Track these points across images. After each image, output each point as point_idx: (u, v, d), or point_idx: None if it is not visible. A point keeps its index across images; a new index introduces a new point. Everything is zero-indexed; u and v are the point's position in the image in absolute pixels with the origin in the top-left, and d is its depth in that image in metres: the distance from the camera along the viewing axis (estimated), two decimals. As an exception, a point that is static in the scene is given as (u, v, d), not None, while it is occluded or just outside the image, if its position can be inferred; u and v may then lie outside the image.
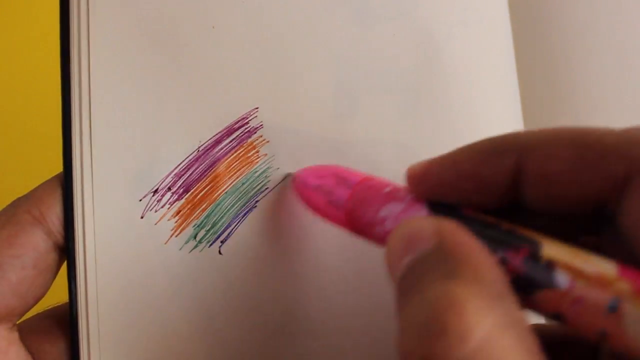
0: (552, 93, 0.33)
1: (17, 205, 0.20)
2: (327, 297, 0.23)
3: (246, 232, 0.22)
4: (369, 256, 0.23)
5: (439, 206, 0.17)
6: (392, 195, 0.18)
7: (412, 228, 0.15)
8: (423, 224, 0.15)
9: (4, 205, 0.20)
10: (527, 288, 0.14)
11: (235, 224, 0.22)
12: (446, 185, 0.17)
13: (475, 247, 0.14)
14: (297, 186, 0.21)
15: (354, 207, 0.18)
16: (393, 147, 0.25)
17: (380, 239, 0.17)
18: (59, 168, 0.20)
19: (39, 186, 0.20)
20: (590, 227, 0.17)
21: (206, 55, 0.22)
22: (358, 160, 0.24)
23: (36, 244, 0.19)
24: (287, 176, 0.22)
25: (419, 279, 0.14)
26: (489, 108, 0.27)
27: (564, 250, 0.14)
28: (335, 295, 0.23)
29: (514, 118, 0.29)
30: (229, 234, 0.22)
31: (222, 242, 0.21)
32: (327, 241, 0.23)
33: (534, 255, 0.14)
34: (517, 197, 0.16)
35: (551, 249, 0.14)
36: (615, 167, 0.15)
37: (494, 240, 0.15)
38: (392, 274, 0.15)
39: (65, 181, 0.20)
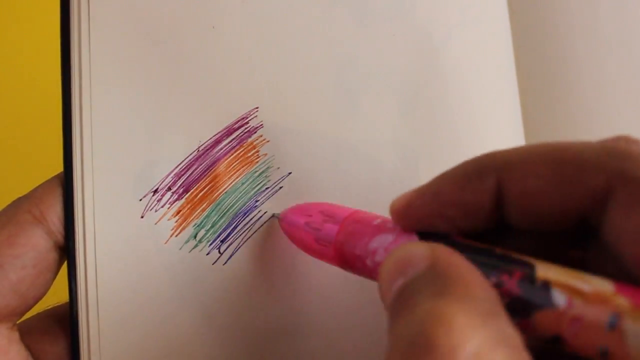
0: (551, 92, 0.33)
1: (18, 205, 0.20)
2: (328, 297, 0.23)
3: (246, 231, 0.22)
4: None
5: (429, 235, 0.17)
6: (381, 227, 0.17)
7: (406, 252, 0.15)
8: (416, 247, 0.15)
9: (4, 205, 0.20)
10: (524, 310, 0.14)
11: (235, 223, 0.22)
12: (431, 216, 0.17)
13: (468, 267, 0.14)
14: (284, 226, 0.21)
15: (343, 241, 0.18)
16: (393, 146, 0.25)
17: (372, 272, 0.17)
18: (59, 168, 0.20)
19: (39, 186, 0.20)
20: (576, 241, 0.16)
21: (206, 55, 0.22)
22: (358, 160, 0.24)
23: (36, 243, 0.19)
24: (272, 217, 0.22)
25: (409, 299, 0.14)
26: (488, 108, 0.28)
27: (558, 270, 0.14)
28: (337, 295, 0.23)
29: (513, 118, 0.29)
30: (229, 234, 0.22)
31: (222, 241, 0.21)
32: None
33: (529, 277, 0.14)
34: (502, 217, 0.16)
35: (546, 270, 0.14)
36: (594, 181, 0.15)
37: (487, 265, 0.15)
38: (384, 300, 0.15)
39: (66, 181, 0.20)
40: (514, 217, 0.16)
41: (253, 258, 0.22)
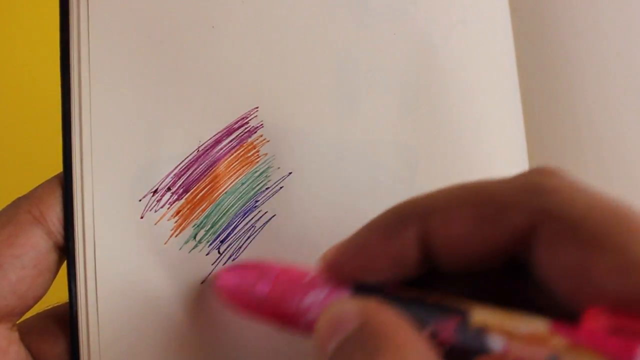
0: (553, 92, 0.33)
1: (17, 205, 0.20)
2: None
3: (246, 231, 0.22)
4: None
5: (363, 287, 0.16)
6: (313, 283, 0.17)
7: (336, 311, 0.15)
8: (346, 306, 0.15)
9: (4, 205, 0.20)
10: (463, 358, 0.14)
11: (235, 224, 0.22)
12: (360, 270, 0.16)
13: (400, 323, 0.14)
14: (217, 288, 0.20)
15: (276, 301, 0.18)
16: (393, 146, 0.25)
17: (307, 329, 0.17)
18: (59, 168, 0.20)
19: (39, 186, 0.20)
20: (510, 279, 0.16)
21: (206, 55, 0.22)
22: (358, 160, 0.24)
23: (36, 243, 0.19)
24: (207, 279, 0.21)
25: None
26: (488, 107, 0.27)
27: (493, 314, 0.14)
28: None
29: (514, 117, 0.29)
30: (228, 234, 0.22)
31: (221, 242, 0.21)
32: (327, 239, 0.23)
33: (465, 324, 0.14)
34: (432, 263, 0.16)
35: (481, 315, 0.14)
36: (517, 219, 0.15)
37: (422, 314, 0.15)
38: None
39: (65, 181, 0.20)
40: (443, 261, 0.16)
41: (253, 258, 0.22)
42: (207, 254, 0.21)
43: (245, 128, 0.22)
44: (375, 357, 0.13)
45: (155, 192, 0.21)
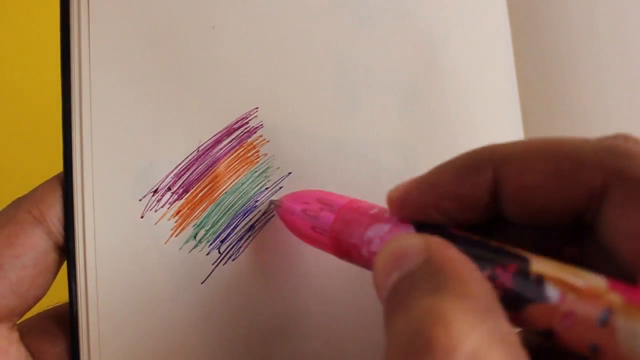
0: (551, 92, 0.33)
1: (17, 205, 0.20)
2: (328, 297, 0.23)
3: (246, 231, 0.22)
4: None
5: (426, 226, 0.17)
6: (378, 216, 0.17)
7: (401, 244, 0.15)
8: (411, 240, 0.15)
9: (4, 205, 0.20)
10: (517, 303, 0.14)
11: (235, 223, 0.22)
12: (428, 207, 0.17)
13: (464, 262, 0.14)
14: (281, 213, 0.21)
15: (339, 229, 0.18)
16: (393, 146, 0.25)
17: (367, 261, 0.17)
18: (59, 168, 0.20)
19: (39, 186, 0.20)
20: (572, 237, 0.16)
21: (206, 55, 0.22)
22: (358, 160, 0.24)
23: (36, 243, 0.19)
24: (272, 203, 0.22)
25: (406, 295, 0.14)
26: (487, 107, 0.28)
27: (552, 265, 0.14)
28: (337, 295, 0.23)
29: (513, 118, 0.29)
30: (228, 234, 0.22)
31: (221, 241, 0.21)
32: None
33: (523, 271, 0.14)
34: (498, 211, 0.16)
35: (540, 265, 0.14)
36: (591, 178, 0.15)
37: (482, 257, 0.15)
38: (380, 292, 0.15)
39: (65, 181, 0.20)
40: (510, 211, 0.16)
41: (253, 258, 0.22)
42: (207, 254, 0.21)
43: (245, 128, 0.22)
44: (439, 291, 0.13)
45: (155, 191, 0.21)
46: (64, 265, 0.20)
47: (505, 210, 0.16)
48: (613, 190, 0.14)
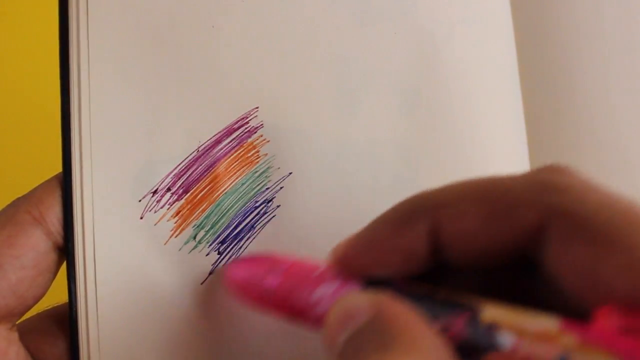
0: (554, 91, 0.33)
1: (17, 205, 0.20)
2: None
3: (246, 232, 0.22)
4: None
5: (372, 281, 0.16)
6: (323, 276, 0.17)
7: (348, 304, 0.15)
8: (358, 298, 0.15)
9: (4, 205, 0.20)
10: (473, 354, 0.14)
11: (235, 224, 0.22)
12: (370, 263, 0.16)
13: (412, 316, 0.14)
14: (226, 281, 0.20)
15: (286, 294, 0.18)
16: (393, 147, 0.24)
17: (317, 323, 0.17)
18: (58, 168, 0.20)
19: (39, 186, 0.20)
20: (519, 275, 0.16)
21: (206, 55, 0.22)
22: (358, 160, 0.24)
23: (36, 244, 0.19)
24: (213, 272, 0.21)
25: (355, 354, 0.14)
26: (489, 107, 0.27)
27: (503, 311, 0.14)
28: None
29: (515, 117, 0.29)
30: (228, 235, 0.22)
31: (221, 242, 0.21)
32: (327, 239, 0.23)
33: (474, 319, 0.14)
34: (441, 258, 0.16)
35: (490, 311, 0.14)
36: (527, 217, 0.14)
37: (432, 309, 0.15)
38: (331, 352, 0.15)
39: (65, 181, 0.20)
40: (452, 256, 0.16)
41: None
42: (207, 255, 0.21)
43: (245, 128, 0.22)
44: (389, 349, 0.13)
45: (155, 192, 0.21)
46: (64, 266, 0.20)
47: (448, 257, 0.16)
48: (551, 227, 0.14)
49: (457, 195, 0.16)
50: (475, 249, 0.15)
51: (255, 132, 0.22)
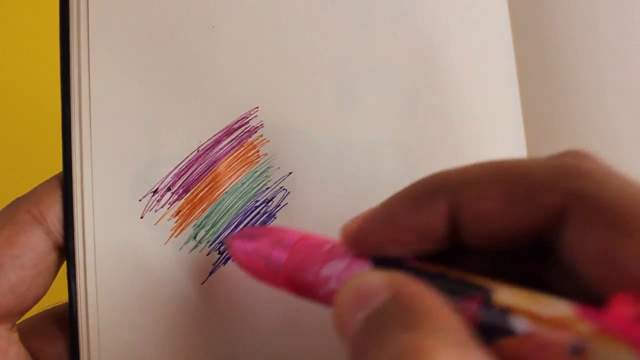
0: (552, 92, 0.33)
1: (17, 205, 0.20)
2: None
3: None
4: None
5: (383, 260, 0.16)
6: (332, 252, 0.17)
7: (363, 283, 0.15)
8: (374, 277, 0.14)
9: (4, 205, 0.20)
10: (486, 337, 0.14)
11: (235, 224, 0.22)
12: (384, 241, 0.16)
13: (432, 296, 0.14)
14: (232, 253, 0.20)
15: (293, 269, 0.17)
16: (393, 147, 0.25)
17: (325, 300, 0.17)
18: (58, 168, 0.20)
19: (39, 186, 0.20)
20: (534, 259, 0.16)
21: (206, 55, 0.22)
22: (358, 160, 0.24)
23: (36, 243, 0.19)
24: (222, 243, 0.21)
25: (377, 333, 0.13)
26: (488, 107, 0.27)
27: (517, 294, 0.14)
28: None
29: (514, 118, 0.29)
30: (229, 234, 0.22)
31: (222, 242, 0.21)
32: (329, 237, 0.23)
33: (488, 303, 0.14)
34: (457, 238, 0.16)
35: (504, 294, 0.14)
36: (548, 201, 0.14)
37: (445, 290, 0.14)
38: (343, 332, 0.15)
39: (65, 181, 0.20)
40: (469, 237, 0.16)
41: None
42: (207, 254, 0.21)
43: (245, 128, 0.22)
44: (414, 327, 0.13)
45: (155, 192, 0.21)
46: (64, 265, 0.20)
47: (464, 237, 0.16)
48: (571, 211, 0.14)
49: (478, 176, 0.15)
50: (493, 231, 0.15)
51: (255, 132, 0.22)
